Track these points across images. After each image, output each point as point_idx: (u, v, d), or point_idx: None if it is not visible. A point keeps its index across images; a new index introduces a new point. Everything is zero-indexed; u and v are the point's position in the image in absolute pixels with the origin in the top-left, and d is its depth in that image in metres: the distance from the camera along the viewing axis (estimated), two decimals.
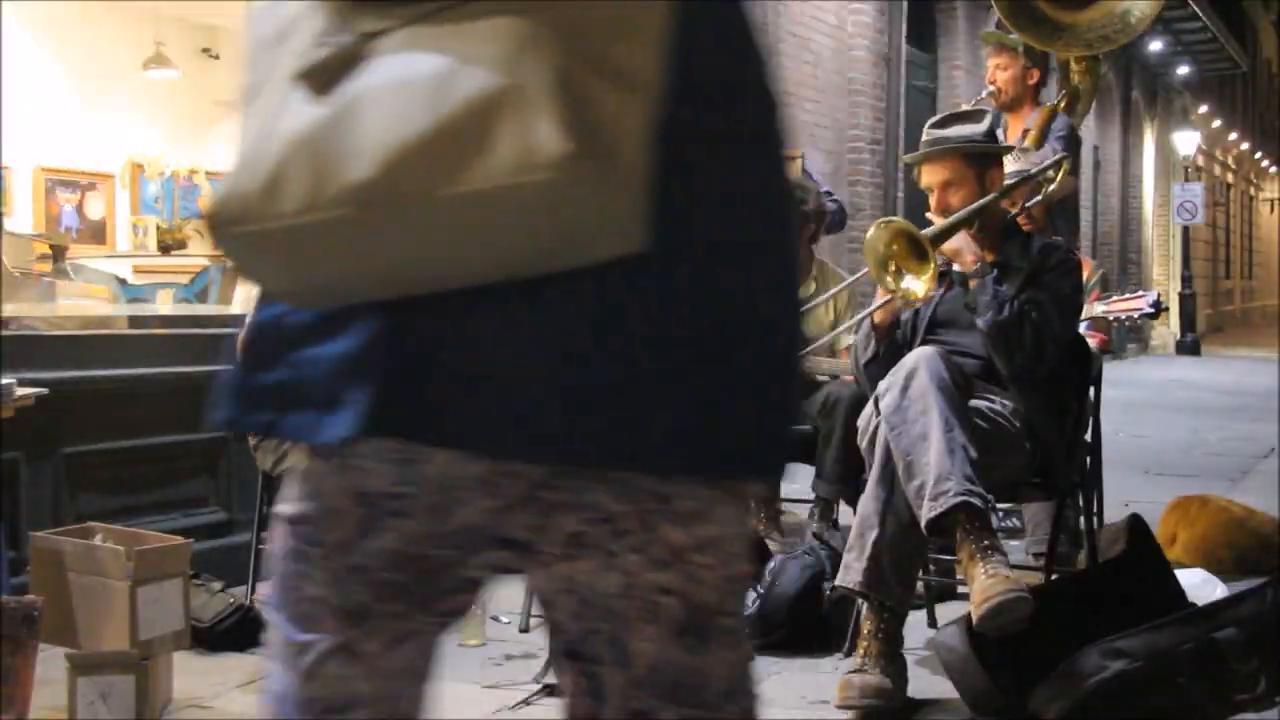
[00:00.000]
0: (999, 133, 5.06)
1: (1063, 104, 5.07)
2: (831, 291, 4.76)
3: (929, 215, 3.42)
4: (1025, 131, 4.91)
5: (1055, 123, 4.92)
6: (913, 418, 3.01)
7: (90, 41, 7.86)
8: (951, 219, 3.30)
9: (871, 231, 3.22)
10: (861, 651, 3.08)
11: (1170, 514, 4.76)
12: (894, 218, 3.25)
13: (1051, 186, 3.97)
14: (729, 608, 1.14)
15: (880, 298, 3.35)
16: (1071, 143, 4.94)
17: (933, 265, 3.13)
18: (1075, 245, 5.18)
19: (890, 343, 3.40)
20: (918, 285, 3.17)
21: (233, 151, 0.99)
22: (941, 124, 3.49)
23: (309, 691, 1.14)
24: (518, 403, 1.00)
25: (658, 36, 0.94)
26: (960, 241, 3.28)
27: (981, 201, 3.35)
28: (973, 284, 3.26)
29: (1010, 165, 3.88)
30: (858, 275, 3.50)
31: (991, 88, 5.09)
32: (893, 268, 3.19)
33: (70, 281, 6.02)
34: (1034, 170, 3.99)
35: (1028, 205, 3.85)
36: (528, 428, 1.00)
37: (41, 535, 3.19)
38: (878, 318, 3.39)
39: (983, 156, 3.40)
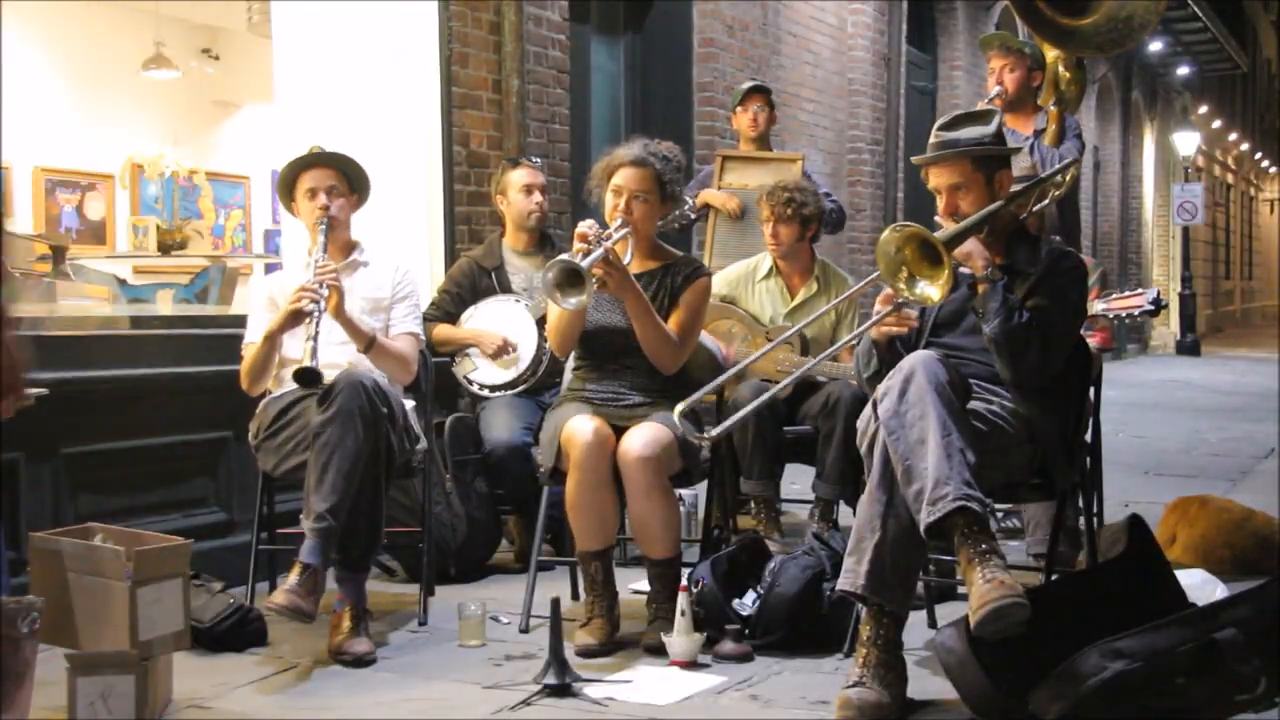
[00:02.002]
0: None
1: (1054, 105, 5.09)
2: (836, 301, 4.75)
3: (937, 219, 3.40)
4: (1039, 132, 4.92)
5: (1069, 121, 4.93)
6: (910, 422, 3.01)
7: (90, 41, 7.86)
8: (965, 223, 3.27)
9: (884, 235, 3.18)
10: (860, 661, 3.07)
11: (1170, 514, 4.76)
12: (908, 223, 3.21)
13: (1058, 190, 3.97)
14: None
15: (880, 308, 3.32)
16: (1082, 141, 4.98)
17: (948, 269, 3.09)
18: (1078, 238, 5.18)
19: (892, 354, 3.37)
20: (933, 290, 3.13)
21: None
22: (950, 125, 3.43)
23: None
24: None
25: None
26: (972, 245, 3.26)
27: (993, 206, 3.32)
28: (982, 289, 3.25)
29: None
30: (864, 282, 3.48)
31: (999, 89, 5.09)
32: (905, 273, 3.16)
33: (70, 282, 6.02)
34: (1047, 174, 3.98)
35: (1034, 209, 3.84)
36: None
37: (41, 535, 3.19)
38: (874, 334, 3.37)
39: (992, 159, 3.38)
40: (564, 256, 3.51)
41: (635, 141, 3.87)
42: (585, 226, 3.61)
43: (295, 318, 3.75)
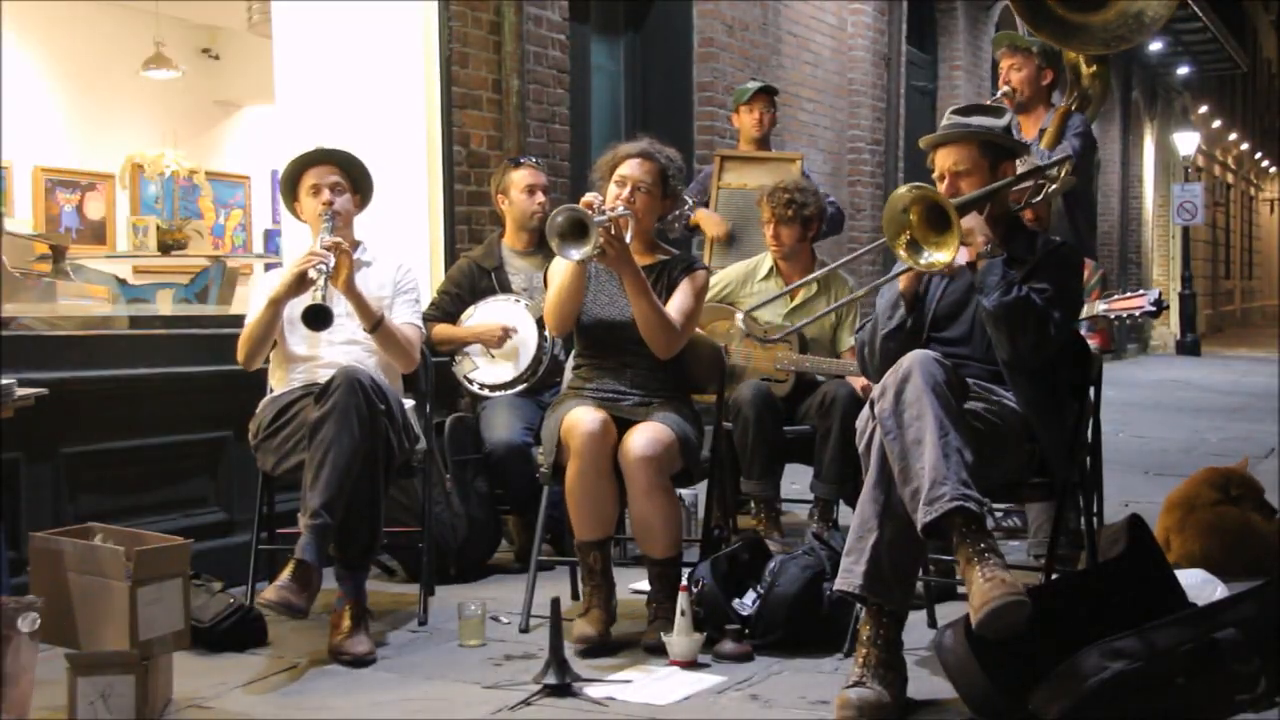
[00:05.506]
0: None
1: (1074, 106, 5.07)
2: (838, 303, 4.74)
3: None
4: (1041, 131, 4.90)
5: (1072, 120, 4.91)
6: (907, 422, 3.01)
7: (90, 41, 7.86)
8: (975, 193, 3.30)
9: (897, 190, 3.18)
10: (860, 661, 3.07)
11: (1163, 518, 4.68)
12: (922, 184, 3.20)
13: (1054, 186, 3.97)
14: None
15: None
16: (1089, 140, 4.95)
17: (957, 234, 3.09)
18: (1093, 243, 5.17)
19: (920, 308, 3.38)
20: (942, 255, 3.13)
21: None
22: (963, 111, 3.49)
23: None
24: None
25: None
26: (973, 222, 3.27)
27: (1000, 183, 3.35)
28: (981, 265, 3.25)
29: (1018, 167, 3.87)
30: (866, 289, 3.48)
31: (1006, 88, 5.07)
32: (906, 237, 3.16)
33: (70, 281, 6.02)
34: (1045, 163, 3.99)
35: (1033, 202, 3.85)
36: None
37: (41, 535, 3.19)
38: (903, 284, 3.37)
39: (999, 149, 3.40)
40: (573, 205, 3.53)
41: (641, 138, 3.92)
42: (590, 196, 3.64)
43: (301, 281, 3.72)
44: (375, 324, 3.87)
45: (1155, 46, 18.20)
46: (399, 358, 3.96)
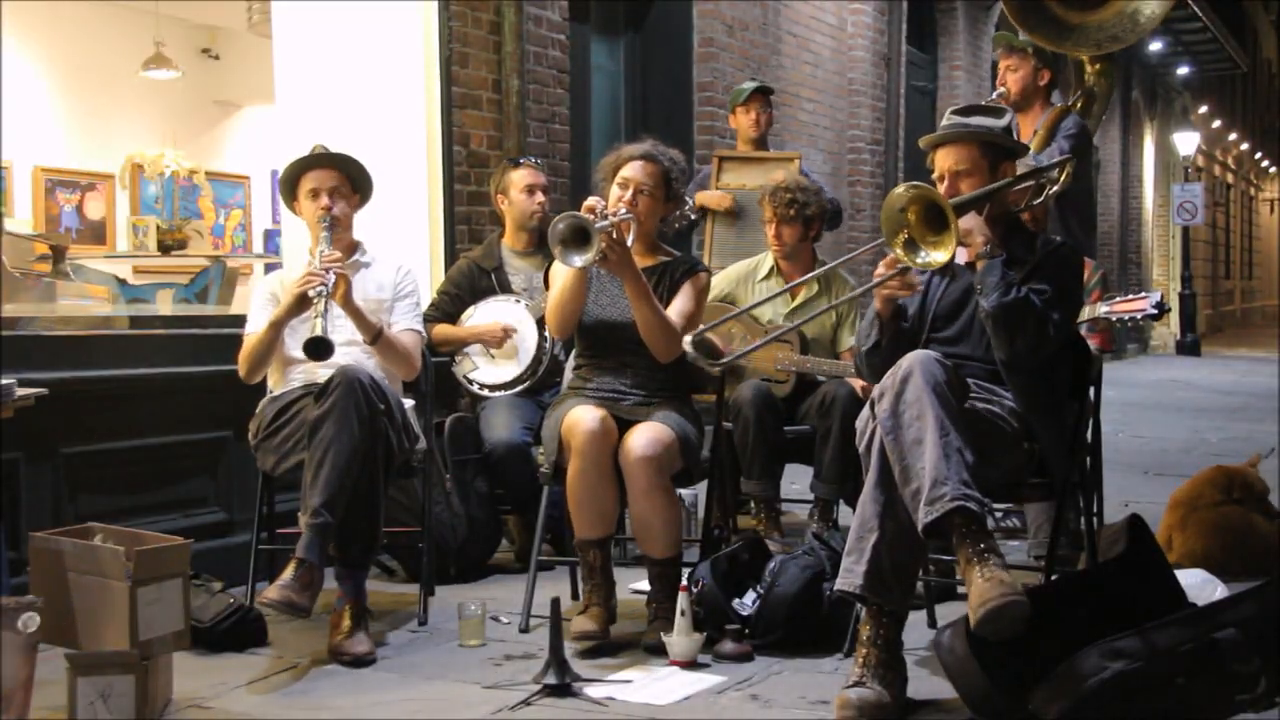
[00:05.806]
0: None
1: (1078, 105, 5.06)
2: (838, 301, 4.75)
3: None
4: (1035, 132, 4.90)
5: (1065, 121, 4.91)
6: (908, 422, 3.01)
7: (90, 41, 7.86)
8: (973, 193, 3.29)
9: (895, 190, 3.16)
10: (860, 661, 3.07)
11: (1166, 516, 4.68)
12: (920, 183, 3.18)
13: (1054, 188, 3.97)
14: None
15: (883, 271, 3.29)
16: (1081, 141, 4.94)
17: (954, 234, 3.09)
18: (1092, 242, 5.17)
19: (895, 331, 3.38)
20: (939, 255, 3.12)
21: None
22: (964, 112, 3.48)
23: None
24: None
25: None
26: (972, 222, 3.26)
27: (999, 183, 3.34)
28: (980, 265, 3.25)
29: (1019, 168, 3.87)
30: (866, 286, 3.47)
31: (1002, 89, 5.07)
32: (904, 235, 3.15)
33: (70, 281, 6.02)
34: (1043, 165, 3.99)
35: (1033, 204, 3.85)
36: None
37: (41, 535, 3.19)
38: (877, 303, 3.37)
39: (999, 150, 3.40)
40: (575, 213, 3.52)
41: (644, 140, 3.92)
42: (593, 200, 3.63)
43: (302, 302, 3.74)
44: (374, 336, 3.88)
45: (1155, 46, 18.20)
46: (399, 366, 3.97)
